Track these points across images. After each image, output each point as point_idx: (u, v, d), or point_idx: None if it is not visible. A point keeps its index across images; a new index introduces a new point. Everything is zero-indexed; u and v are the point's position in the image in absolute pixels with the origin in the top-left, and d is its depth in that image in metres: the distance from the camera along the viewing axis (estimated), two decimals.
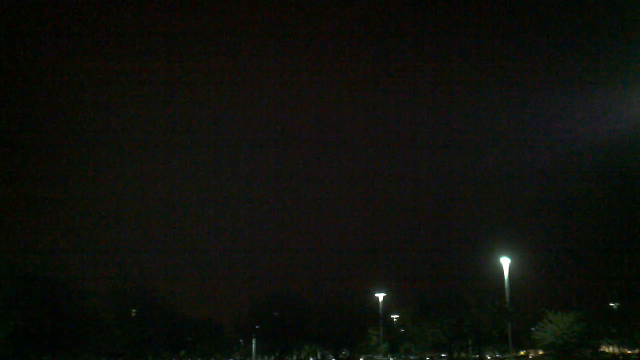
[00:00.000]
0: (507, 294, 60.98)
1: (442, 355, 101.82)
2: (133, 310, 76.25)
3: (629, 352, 79.85)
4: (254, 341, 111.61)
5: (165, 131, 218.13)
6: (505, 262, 60.83)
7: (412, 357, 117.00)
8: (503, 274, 60.85)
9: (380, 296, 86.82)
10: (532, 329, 78.16)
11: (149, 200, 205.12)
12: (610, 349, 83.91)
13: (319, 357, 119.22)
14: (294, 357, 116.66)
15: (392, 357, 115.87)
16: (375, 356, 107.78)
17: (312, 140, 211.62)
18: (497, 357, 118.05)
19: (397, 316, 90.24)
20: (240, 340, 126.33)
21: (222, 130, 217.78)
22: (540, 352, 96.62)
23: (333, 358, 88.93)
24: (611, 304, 69.73)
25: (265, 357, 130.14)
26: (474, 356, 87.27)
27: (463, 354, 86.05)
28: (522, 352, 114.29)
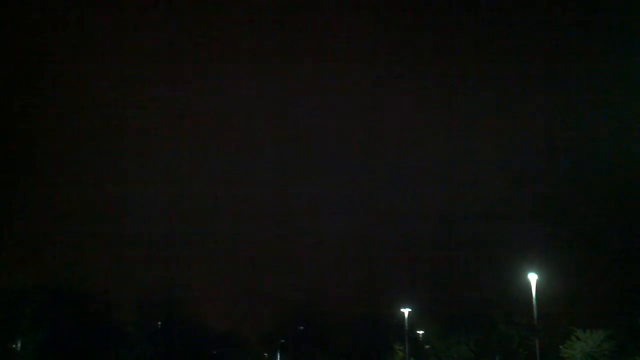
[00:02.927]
0: (535, 310, 60.18)
1: None
2: (159, 323, 76.68)
3: None
4: (278, 355, 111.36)
5: (187, 141, 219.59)
6: (532, 278, 60.08)
7: None
8: (531, 289, 60.08)
9: (406, 311, 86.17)
10: (561, 346, 76.91)
11: (172, 211, 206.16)
12: None
13: None
14: None
15: None
16: None
17: (347, 149, 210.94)
18: None
19: (422, 332, 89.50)
20: (265, 354, 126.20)
21: (246, 138, 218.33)
22: None
23: None
24: None
25: None
26: None
27: None
28: None
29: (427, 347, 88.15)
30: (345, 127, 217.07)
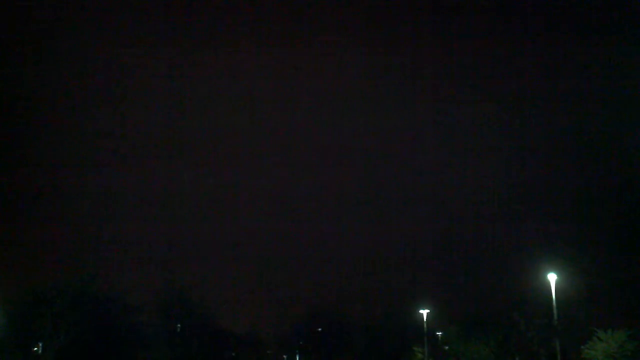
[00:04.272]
0: (555, 310, 59.63)
1: None
2: (178, 325, 76.92)
3: None
4: (297, 357, 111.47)
5: (203, 145, 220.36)
6: (552, 278, 59.53)
7: None
8: (550, 290, 59.52)
9: (425, 312, 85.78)
10: (582, 347, 76.16)
11: (189, 214, 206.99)
12: None
13: None
14: None
15: None
16: None
17: (364, 153, 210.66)
18: None
19: (441, 333, 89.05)
20: (284, 356, 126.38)
21: (264, 143, 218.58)
22: None
23: None
24: None
25: None
26: None
27: None
28: None
29: (446, 348, 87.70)
30: (354, 131, 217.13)
